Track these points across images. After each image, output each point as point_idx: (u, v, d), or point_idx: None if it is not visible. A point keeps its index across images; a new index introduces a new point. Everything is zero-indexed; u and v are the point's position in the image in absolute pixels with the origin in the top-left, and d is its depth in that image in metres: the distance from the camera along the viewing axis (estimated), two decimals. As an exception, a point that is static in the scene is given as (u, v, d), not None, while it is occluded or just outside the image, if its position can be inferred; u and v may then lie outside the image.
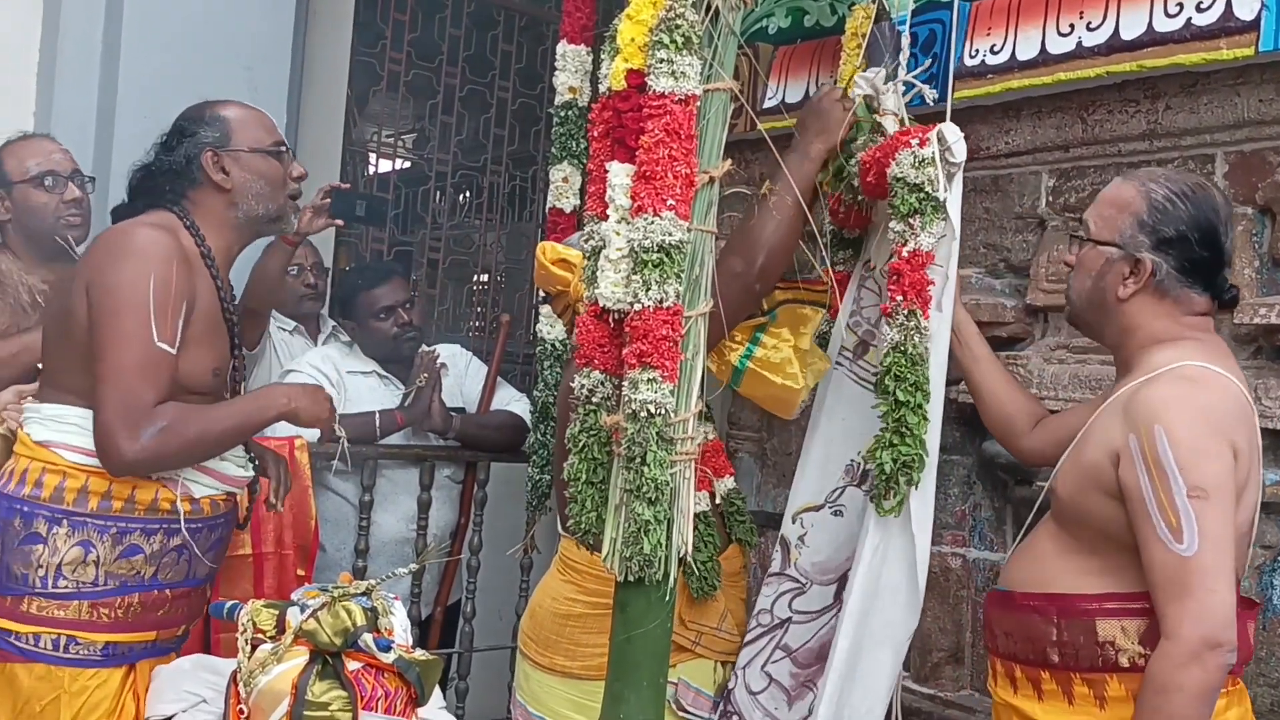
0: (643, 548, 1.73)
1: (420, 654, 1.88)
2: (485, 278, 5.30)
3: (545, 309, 3.09)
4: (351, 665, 1.81)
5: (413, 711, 1.85)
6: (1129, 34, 2.08)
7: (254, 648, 1.85)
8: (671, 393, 1.74)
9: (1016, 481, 2.38)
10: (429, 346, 3.32)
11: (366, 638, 1.82)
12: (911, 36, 2.12)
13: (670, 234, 1.74)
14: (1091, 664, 1.73)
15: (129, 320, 1.97)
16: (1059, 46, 2.18)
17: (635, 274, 1.75)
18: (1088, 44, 2.14)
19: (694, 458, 1.82)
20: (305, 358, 3.25)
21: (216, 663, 2.05)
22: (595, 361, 1.85)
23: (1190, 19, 2.01)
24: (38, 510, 2.02)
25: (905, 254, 1.86)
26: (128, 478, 2.03)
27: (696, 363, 1.83)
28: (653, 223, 1.74)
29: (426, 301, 4.71)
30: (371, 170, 5.31)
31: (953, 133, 1.89)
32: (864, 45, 2.11)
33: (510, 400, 3.43)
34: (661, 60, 1.77)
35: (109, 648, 2.06)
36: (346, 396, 3.16)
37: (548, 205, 3.17)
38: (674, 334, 1.75)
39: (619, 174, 1.82)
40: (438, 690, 1.94)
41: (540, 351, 3.14)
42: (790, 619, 2.21)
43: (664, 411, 1.73)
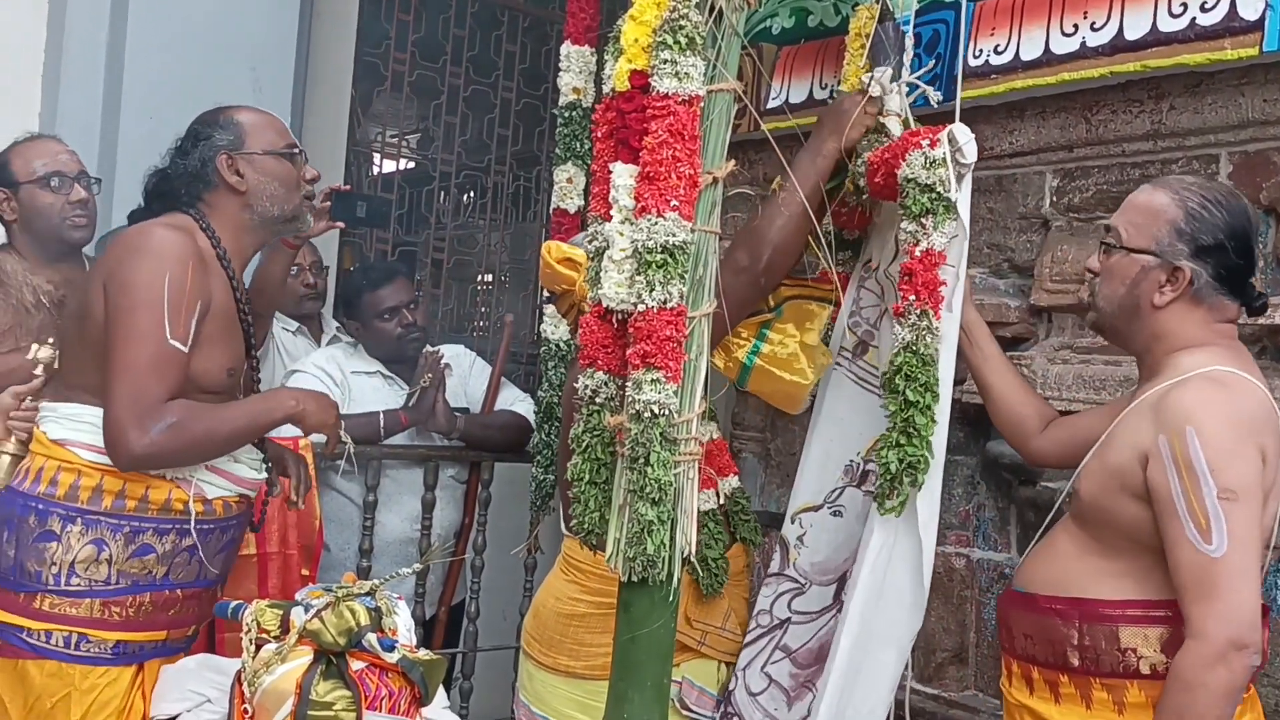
0: (646, 548, 1.73)
1: (424, 654, 1.88)
2: (489, 278, 5.30)
3: (550, 309, 3.09)
4: (355, 665, 1.82)
5: (417, 711, 1.85)
6: (1133, 34, 2.08)
7: (258, 647, 1.85)
8: (675, 393, 1.74)
9: (1021, 482, 2.37)
10: (433, 347, 3.32)
11: (370, 637, 1.82)
12: (915, 37, 2.12)
13: (674, 235, 1.74)
14: (1112, 669, 1.73)
15: (143, 317, 1.99)
16: (1063, 46, 2.17)
17: (639, 275, 1.75)
18: (1092, 44, 2.13)
19: (697, 458, 1.82)
20: (310, 358, 3.26)
21: (221, 662, 2.06)
22: (599, 362, 1.85)
23: (1194, 19, 2.00)
24: (52, 508, 2.04)
25: (918, 254, 1.85)
26: (135, 473, 2.05)
27: (700, 363, 1.83)
28: (656, 223, 1.74)
29: (430, 302, 4.72)
30: (375, 170, 5.31)
31: (964, 134, 1.88)
32: (868, 45, 2.11)
33: (514, 400, 3.43)
34: (665, 61, 1.77)
35: (119, 646, 2.07)
36: (351, 397, 3.16)
37: (552, 206, 3.18)
38: (678, 334, 1.75)
39: (623, 175, 1.82)
40: (442, 690, 1.95)
41: (544, 351, 3.14)
42: (789, 619, 2.21)
43: (668, 412, 1.73)
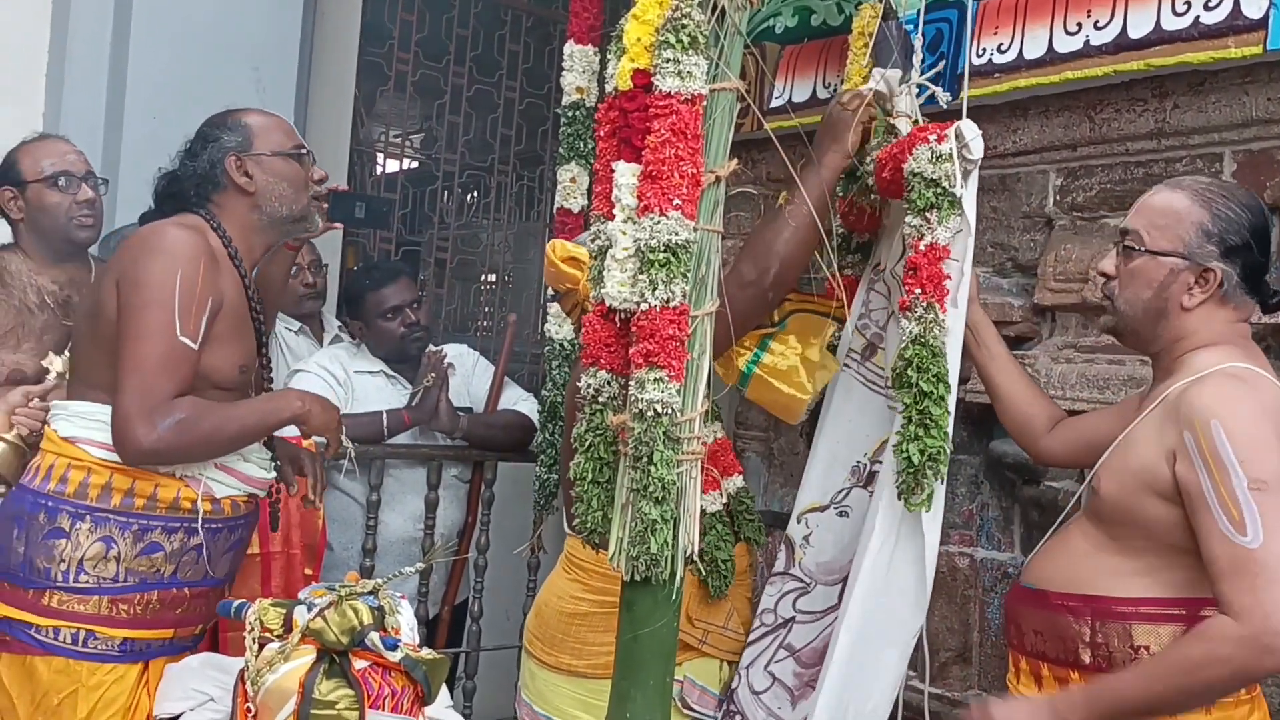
0: (649, 547, 1.73)
1: (427, 653, 1.88)
2: (492, 277, 5.31)
3: (554, 308, 3.09)
4: (358, 664, 1.82)
5: (420, 710, 1.85)
6: (1136, 33, 2.08)
7: (261, 646, 1.85)
8: (678, 392, 1.74)
9: (1024, 481, 2.37)
10: (436, 346, 3.32)
11: (373, 636, 1.82)
12: (920, 36, 2.12)
13: (676, 233, 1.74)
14: (1124, 666, 1.72)
15: (154, 314, 2.01)
16: (1066, 45, 2.17)
17: (642, 273, 1.75)
18: (1095, 43, 2.13)
19: (700, 457, 1.82)
20: (313, 358, 3.26)
21: (224, 661, 2.06)
22: (602, 361, 1.85)
23: (1198, 17, 2.00)
24: (62, 505, 2.06)
25: (922, 248, 1.85)
26: (144, 471, 2.06)
27: (703, 362, 1.83)
28: (659, 222, 1.74)
29: (434, 301, 4.72)
30: (379, 170, 5.32)
31: (970, 130, 1.88)
32: (871, 44, 2.10)
33: (517, 400, 3.43)
34: (668, 60, 1.77)
35: (127, 644, 2.09)
36: (354, 396, 3.16)
37: (555, 205, 3.17)
38: (680, 333, 1.75)
39: (625, 174, 1.82)
40: (445, 689, 1.95)
41: (548, 351, 3.14)
42: (794, 619, 2.21)
43: (671, 411, 1.73)
